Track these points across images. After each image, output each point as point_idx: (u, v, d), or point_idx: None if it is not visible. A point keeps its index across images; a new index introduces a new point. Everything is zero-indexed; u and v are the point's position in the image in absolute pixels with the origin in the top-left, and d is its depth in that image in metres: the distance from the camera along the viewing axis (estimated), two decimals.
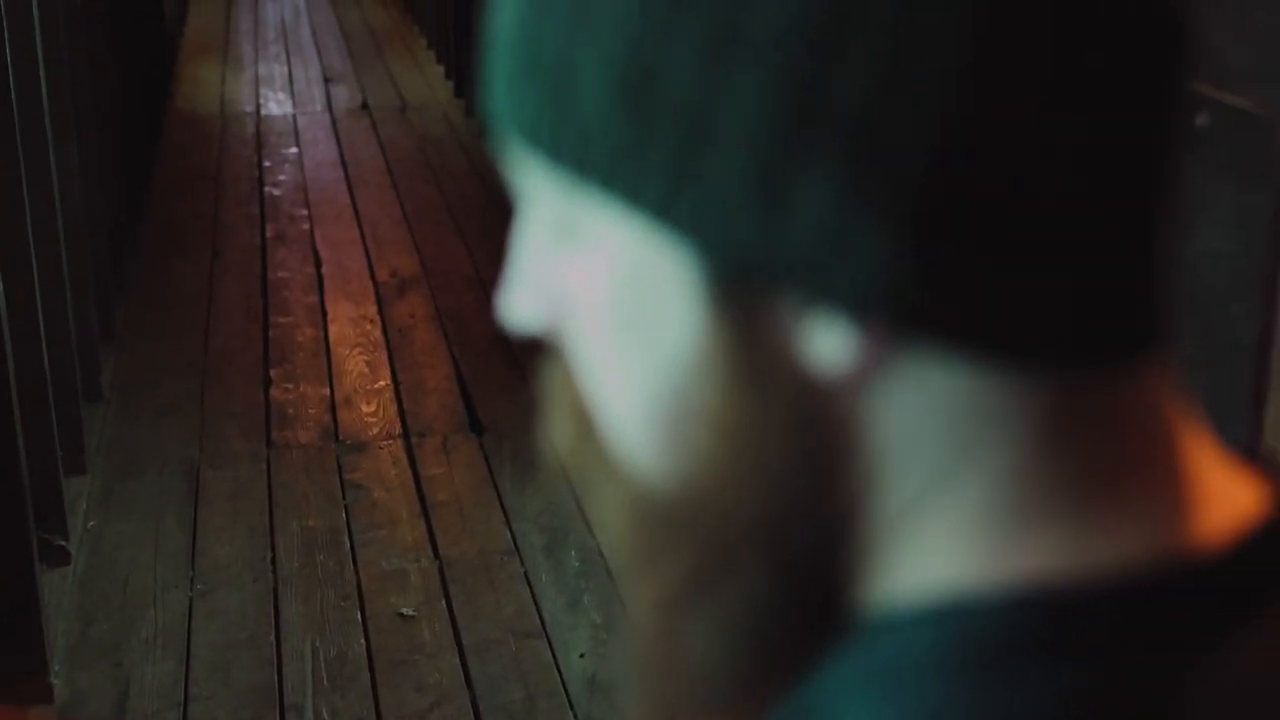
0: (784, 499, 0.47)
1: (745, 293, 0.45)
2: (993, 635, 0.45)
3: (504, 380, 4.07)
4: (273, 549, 3.26)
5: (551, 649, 2.91)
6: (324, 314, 4.63)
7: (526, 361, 3.94)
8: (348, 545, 3.28)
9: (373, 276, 4.94)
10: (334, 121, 7.04)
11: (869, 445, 0.46)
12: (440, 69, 7.95)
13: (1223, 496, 0.48)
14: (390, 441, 3.78)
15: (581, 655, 2.88)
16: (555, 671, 2.84)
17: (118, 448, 3.69)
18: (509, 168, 0.50)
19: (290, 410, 3.95)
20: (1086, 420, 0.46)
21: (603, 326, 0.48)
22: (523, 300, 0.52)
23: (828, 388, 0.45)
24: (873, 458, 0.46)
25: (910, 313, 0.43)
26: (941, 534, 0.46)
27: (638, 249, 0.46)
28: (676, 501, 0.49)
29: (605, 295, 0.48)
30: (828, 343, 0.44)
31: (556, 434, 0.54)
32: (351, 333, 4.49)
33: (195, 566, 3.19)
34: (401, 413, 3.94)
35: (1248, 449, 0.53)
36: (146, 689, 2.76)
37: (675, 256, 0.45)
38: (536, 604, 3.05)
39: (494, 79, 0.49)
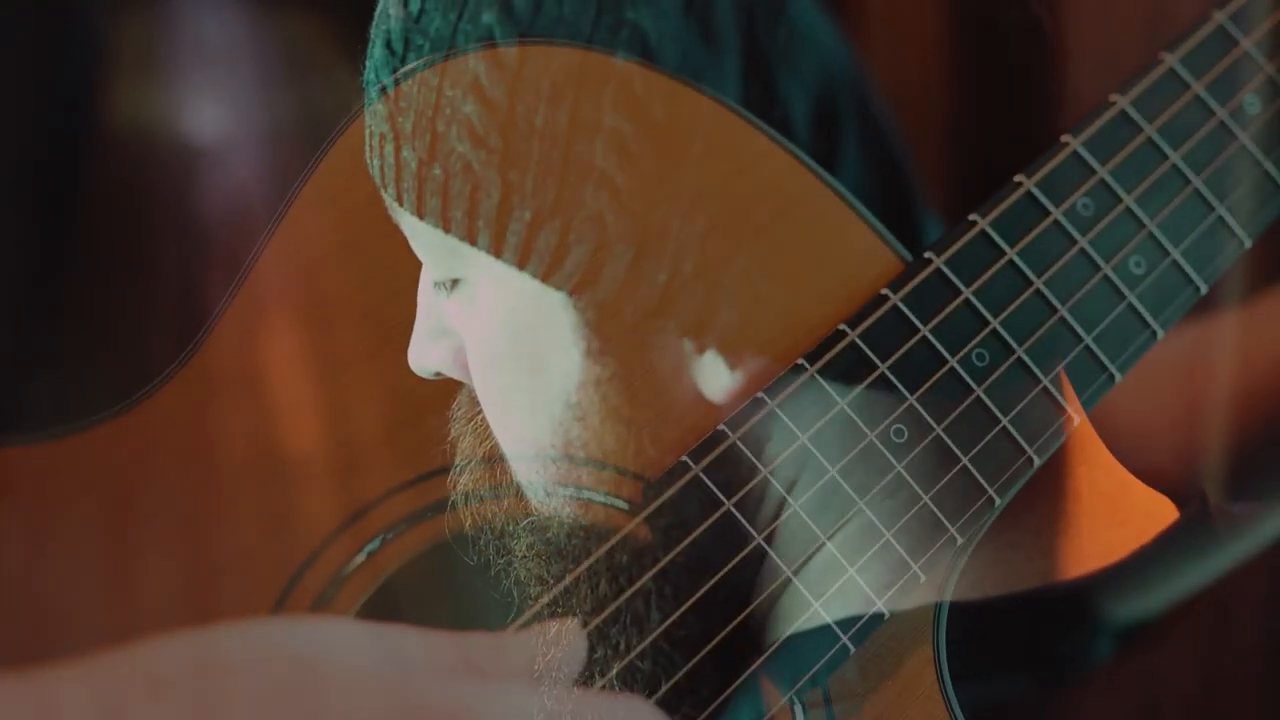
0: (687, 530, 0.47)
1: (625, 332, 0.46)
2: (908, 651, 0.44)
3: None
4: None
5: None
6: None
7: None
8: None
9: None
10: (274, 140, 7.04)
11: (768, 466, 0.46)
12: None
13: (1127, 511, 0.48)
14: None
15: None
16: None
17: None
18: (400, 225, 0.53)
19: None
20: None
21: (495, 371, 0.50)
22: (424, 347, 0.54)
23: (718, 416, 0.46)
24: (774, 479, 0.46)
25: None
26: (853, 551, 0.46)
27: (519, 298, 0.47)
28: (581, 537, 0.49)
29: (495, 342, 0.49)
30: (711, 373, 0.45)
31: (463, 475, 0.55)
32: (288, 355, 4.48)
33: None
34: None
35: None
36: None
37: (553, 303, 0.46)
38: None
39: (372, 145, 0.51)
